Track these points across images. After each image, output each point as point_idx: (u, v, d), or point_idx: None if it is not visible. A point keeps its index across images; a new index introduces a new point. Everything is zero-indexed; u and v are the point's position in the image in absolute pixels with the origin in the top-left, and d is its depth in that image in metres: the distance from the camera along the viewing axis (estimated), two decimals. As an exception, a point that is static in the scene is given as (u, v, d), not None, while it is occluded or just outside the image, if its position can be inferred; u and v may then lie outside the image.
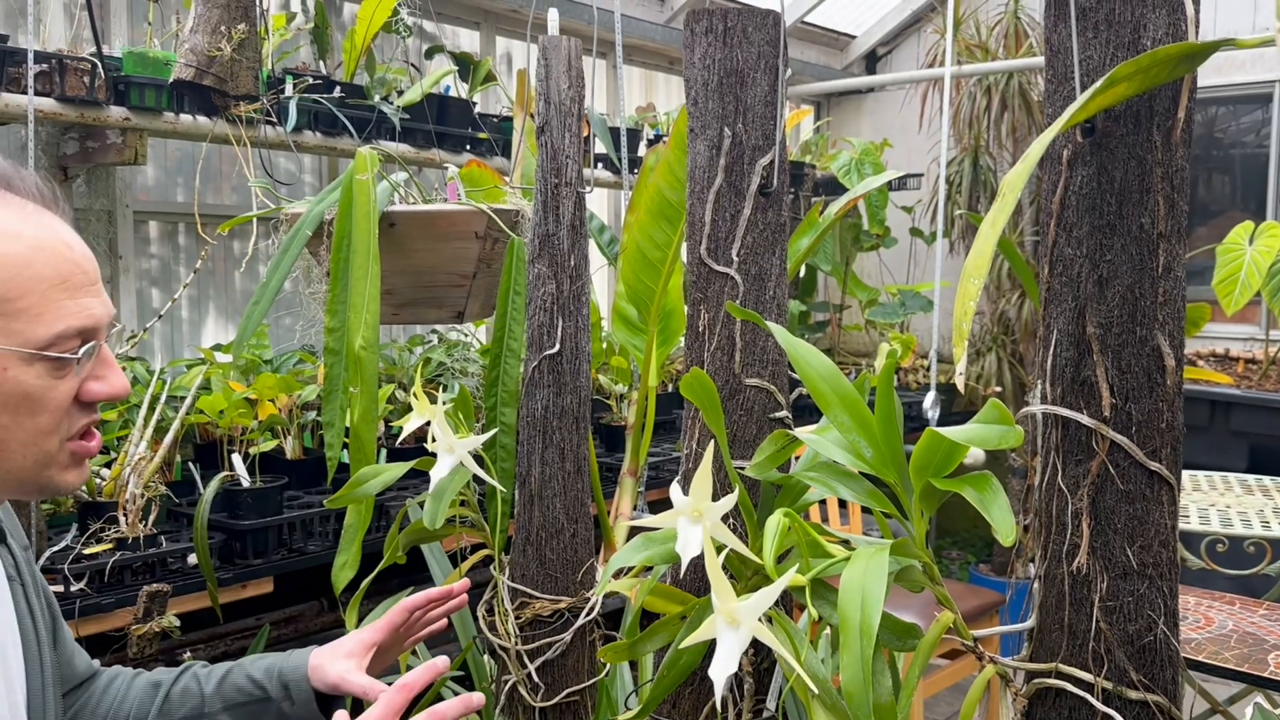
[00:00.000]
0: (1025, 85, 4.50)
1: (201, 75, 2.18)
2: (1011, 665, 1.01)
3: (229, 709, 1.17)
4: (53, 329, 0.89)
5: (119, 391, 0.96)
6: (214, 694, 1.17)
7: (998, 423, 0.88)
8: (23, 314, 0.88)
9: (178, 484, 2.26)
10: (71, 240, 0.93)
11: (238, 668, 1.19)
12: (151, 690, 1.20)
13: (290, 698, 1.17)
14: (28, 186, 0.93)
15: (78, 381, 0.92)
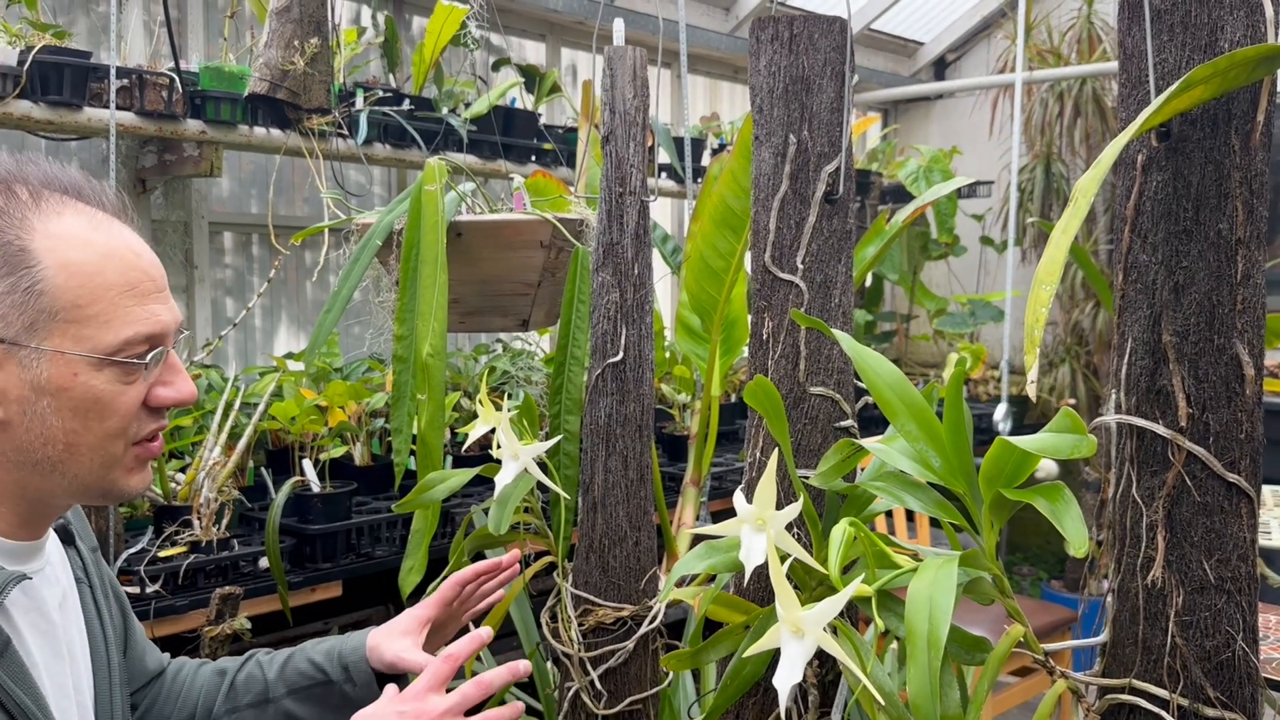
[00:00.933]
0: (1099, 91, 4.41)
1: (275, 89, 2.23)
2: (1084, 680, 0.98)
3: (293, 693, 1.18)
4: (121, 335, 0.91)
5: (186, 397, 0.98)
6: (277, 679, 1.19)
7: (1070, 432, 0.86)
8: (92, 320, 0.90)
9: (250, 489, 2.31)
10: (140, 248, 0.96)
11: (299, 652, 1.21)
12: (217, 678, 1.22)
13: (351, 679, 1.18)
14: (98, 196, 0.95)
15: (146, 387, 0.94)
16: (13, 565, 0.92)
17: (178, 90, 2.35)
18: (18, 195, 0.90)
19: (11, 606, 0.92)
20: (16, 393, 0.89)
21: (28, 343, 0.88)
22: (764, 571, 1.25)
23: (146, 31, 2.82)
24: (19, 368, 0.88)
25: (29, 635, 0.94)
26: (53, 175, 0.93)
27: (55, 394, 0.89)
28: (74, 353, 0.89)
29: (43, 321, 0.88)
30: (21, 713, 0.88)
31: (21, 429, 0.90)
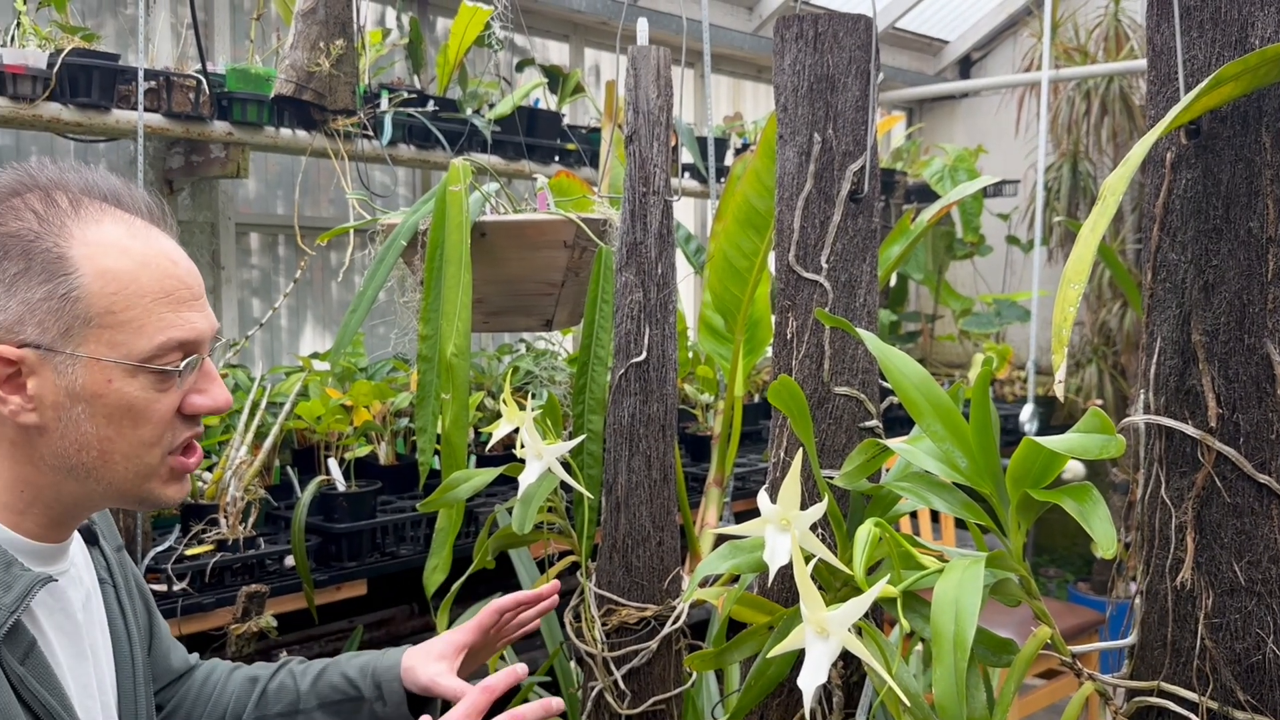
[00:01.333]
0: (1126, 89, 4.37)
1: (301, 90, 2.25)
2: (1112, 683, 0.98)
3: (323, 706, 1.19)
4: (154, 341, 0.92)
5: (221, 405, 0.98)
6: (309, 691, 1.20)
7: (1099, 432, 0.85)
8: (126, 326, 0.91)
9: (276, 488, 2.33)
10: (177, 256, 0.96)
11: (333, 665, 1.22)
12: (249, 685, 1.22)
13: (383, 698, 1.18)
14: (136, 203, 0.96)
15: (180, 394, 0.95)
16: (38, 567, 0.92)
17: (205, 92, 2.37)
18: (58, 203, 0.91)
19: (36, 608, 0.93)
20: (52, 398, 0.90)
21: (63, 349, 0.89)
22: (788, 572, 1.24)
23: (174, 34, 2.84)
24: (54, 374, 0.89)
25: (53, 636, 0.94)
26: (93, 182, 0.94)
27: (89, 400, 0.90)
28: (108, 359, 0.90)
29: (78, 328, 0.89)
30: (47, 712, 0.89)
31: (57, 434, 0.91)
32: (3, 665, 0.86)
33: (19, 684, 0.87)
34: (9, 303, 0.88)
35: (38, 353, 0.89)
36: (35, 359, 0.89)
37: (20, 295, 0.88)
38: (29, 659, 0.88)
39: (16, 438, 0.91)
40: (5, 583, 0.87)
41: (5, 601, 0.86)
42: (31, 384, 0.89)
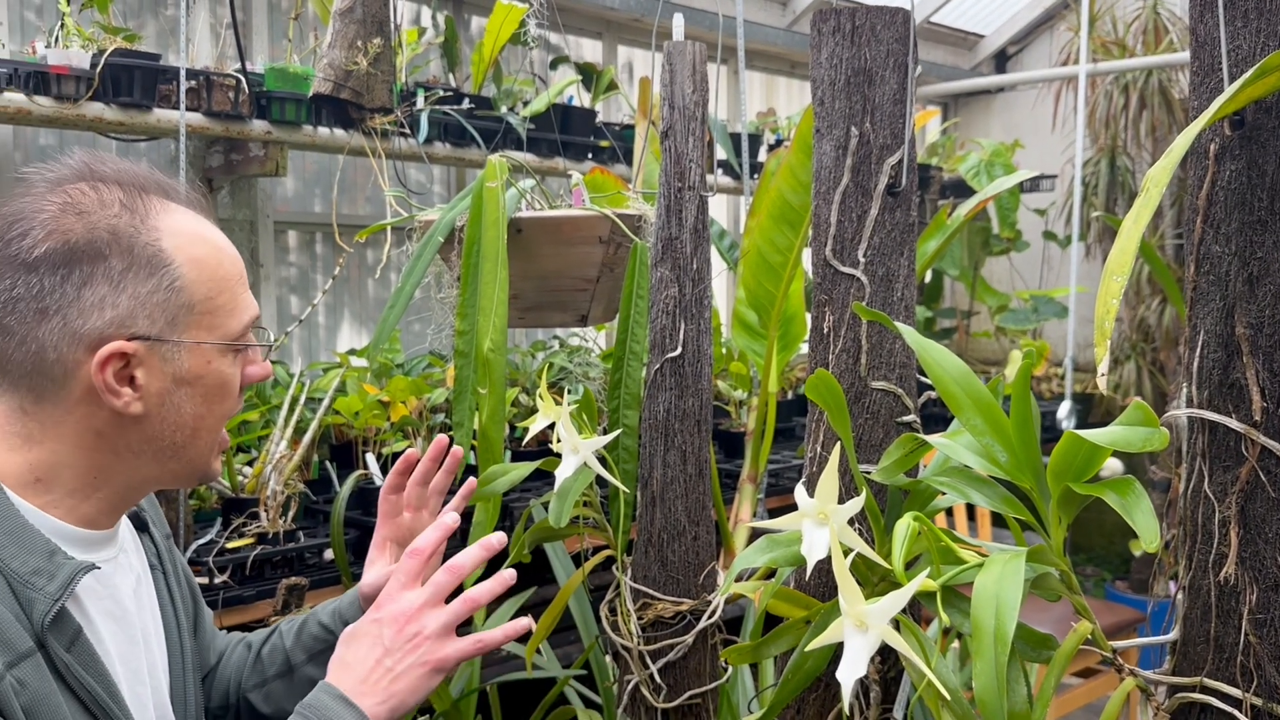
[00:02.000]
0: (1165, 83, 4.32)
1: (339, 89, 2.27)
2: (1154, 679, 0.97)
3: (311, 658, 1.20)
4: (242, 321, 0.99)
5: (269, 373, 1.05)
6: (294, 645, 1.21)
7: (1142, 425, 0.84)
8: (220, 310, 0.97)
9: (314, 482, 2.35)
10: (228, 240, 1.02)
11: (311, 616, 1.23)
12: (245, 651, 1.24)
13: None
14: (185, 194, 1.00)
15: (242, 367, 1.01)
16: (84, 554, 0.94)
17: (244, 91, 2.40)
18: (133, 195, 0.95)
19: (84, 594, 0.94)
20: (157, 386, 0.94)
21: (170, 337, 0.94)
22: (825, 567, 1.24)
23: (213, 34, 2.88)
24: (161, 362, 0.94)
25: (101, 622, 0.96)
26: (149, 176, 0.98)
27: (192, 382, 0.95)
28: (209, 342, 0.96)
29: (182, 316, 0.94)
30: (92, 699, 0.90)
31: (157, 420, 0.95)
32: (49, 653, 0.87)
33: (65, 671, 0.88)
34: (119, 298, 0.91)
35: (147, 344, 0.92)
36: (144, 350, 0.93)
37: (129, 290, 0.92)
38: (75, 647, 0.90)
39: (106, 428, 0.94)
40: (49, 572, 0.88)
41: (49, 590, 0.88)
42: (140, 374, 0.93)
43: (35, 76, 2.17)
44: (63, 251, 0.91)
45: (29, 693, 0.85)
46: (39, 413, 0.93)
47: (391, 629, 0.97)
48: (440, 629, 0.98)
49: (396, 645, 0.97)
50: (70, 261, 0.91)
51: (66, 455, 0.94)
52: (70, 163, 0.96)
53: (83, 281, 0.91)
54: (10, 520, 0.89)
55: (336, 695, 0.94)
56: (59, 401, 0.92)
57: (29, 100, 2.16)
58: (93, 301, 0.91)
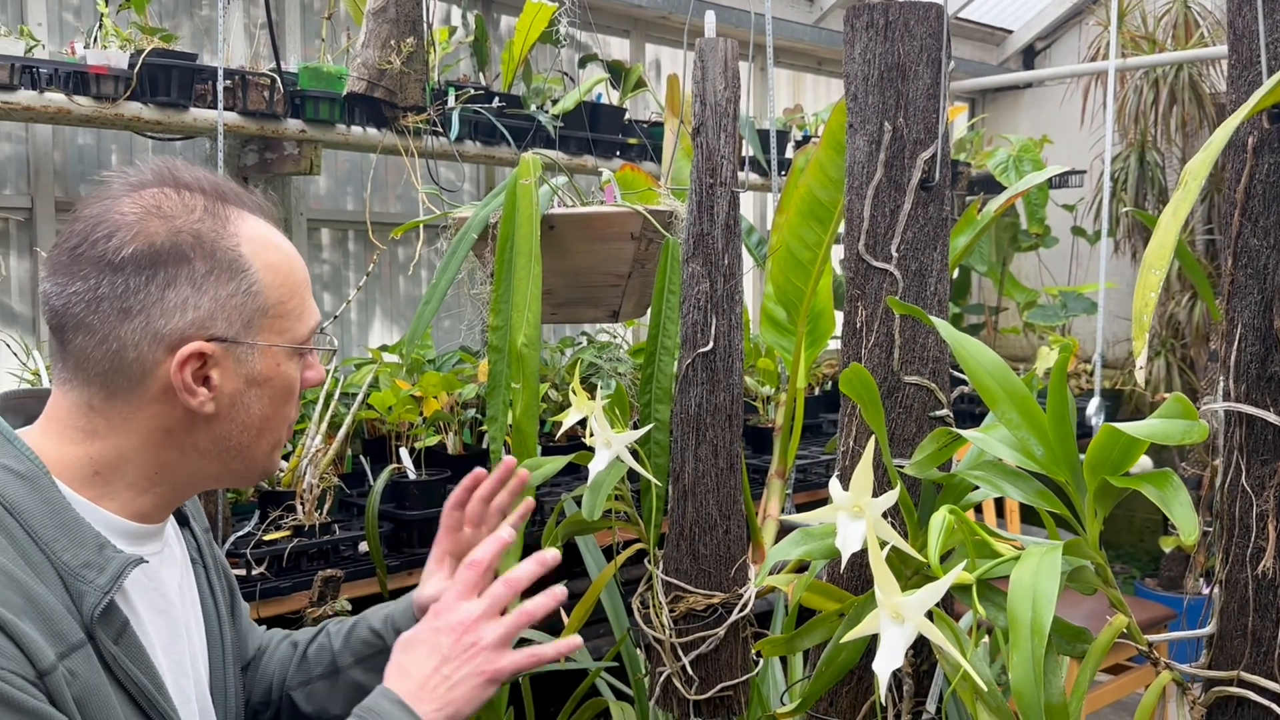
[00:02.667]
0: (1195, 77, 4.28)
1: (373, 88, 2.29)
2: (1190, 672, 0.97)
3: (359, 662, 1.21)
4: (308, 325, 1.02)
5: (323, 377, 1.07)
6: (343, 649, 1.22)
7: (1181, 417, 0.85)
8: (291, 314, 0.99)
9: (348, 476, 2.38)
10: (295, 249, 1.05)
11: (361, 620, 1.24)
12: (290, 649, 1.25)
13: None
14: (256, 201, 1.03)
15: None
16: (133, 548, 0.96)
17: (279, 90, 2.43)
18: (215, 202, 0.98)
19: (131, 589, 0.96)
20: (231, 387, 0.96)
21: (245, 339, 0.96)
22: (858, 560, 1.25)
23: (247, 34, 2.91)
24: (235, 363, 0.96)
25: (147, 616, 0.97)
26: (223, 184, 1.01)
27: (262, 384, 0.98)
28: (280, 344, 0.99)
29: (257, 319, 0.97)
30: (139, 691, 0.91)
31: (226, 420, 0.97)
32: (97, 645, 0.89)
33: (113, 663, 0.90)
34: (200, 300, 0.94)
35: (223, 345, 0.95)
36: (220, 351, 0.95)
37: (210, 293, 0.94)
38: (122, 639, 0.91)
39: (176, 426, 0.96)
40: (99, 565, 0.90)
41: (99, 583, 0.90)
42: (215, 375, 0.95)
43: (75, 76, 2.20)
44: (148, 253, 0.93)
45: (80, 683, 0.86)
46: (108, 409, 0.95)
47: (449, 638, 0.99)
48: (497, 640, 0.99)
49: (454, 654, 0.98)
50: (155, 263, 0.93)
51: (132, 451, 0.95)
52: (151, 168, 0.98)
53: (167, 283, 0.93)
54: (63, 514, 0.91)
55: (395, 700, 0.96)
56: (131, 399, 0.94)
57: (69, 100, 2.20)
58: (175, 303, 0.93)
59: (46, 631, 0.86)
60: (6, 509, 0.89)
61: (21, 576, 0.86)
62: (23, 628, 0.83)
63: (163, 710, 0.93)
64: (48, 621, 0.86)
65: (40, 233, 2.65)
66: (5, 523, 0.89)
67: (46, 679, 0.84)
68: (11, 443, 0.93)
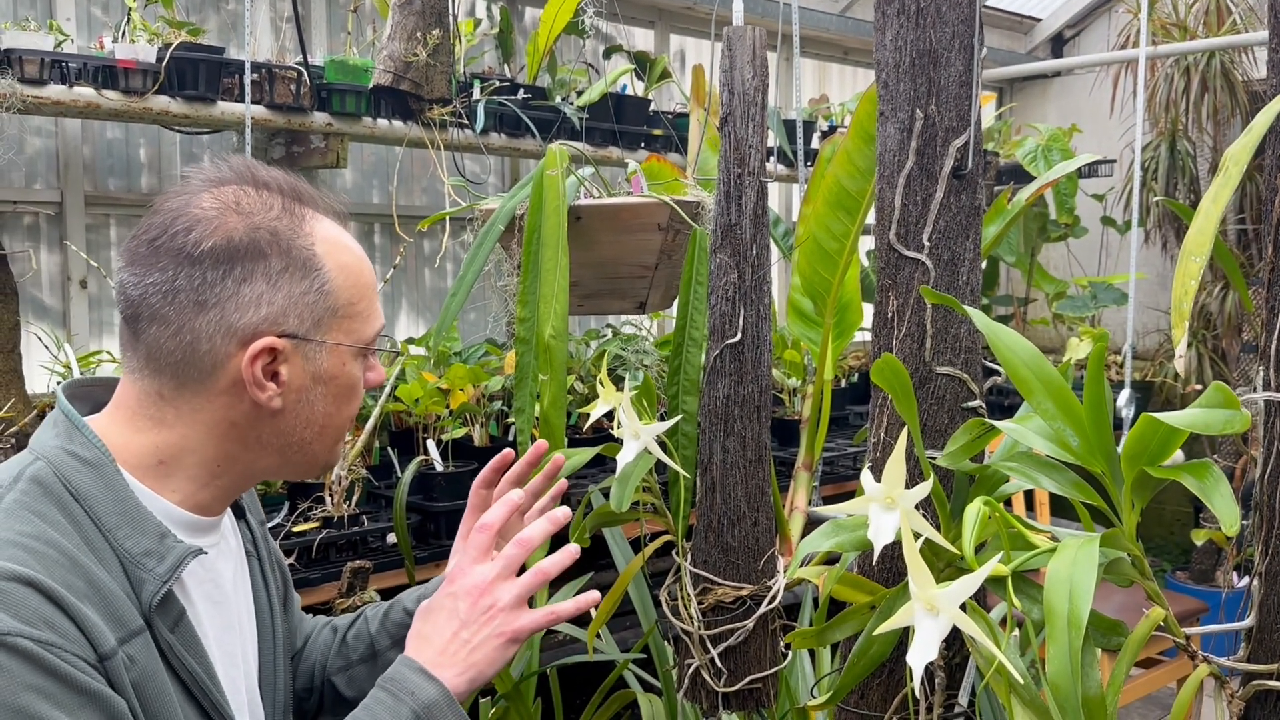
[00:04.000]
0: (1228, 65, 4.23)
1: (399, 80, 2.29)
2: (1229, 666, 0.96)
3: (396, 644, 1.20)
4: (374, 327, 1.02)
5: (384, 379, 1.08)
6: (379, 631, 1.22)
7: (1222, 407, 0.83)
8: (359, 315, 1.00)
9: (376, 468, 2.39)
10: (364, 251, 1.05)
11: (396, 603, 1.24)
12: (330, 635, 1.26)
13: None
14: (329, 204, 1.03)
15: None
16: (191, 539, 0.96)
17: (305, 84, 2.43)
18: (291, 202, 0.98)
19: (188, 579, 0.97)
20: (298, 383, 0.97)
21: (315, 337, 0.97)
22: (889, 552, 1.24)
23: (273, 27, 2.92)
24: (304, 360, 0.97)
25: (202, 606, 0.98)
26: (294, 183, 1.02)
27: (328, 382, 0.99)
28: (347, 344, 0.99)
29: (327, 318, 0.98)
30: (193, 680, 0.92)
31: (291, 415, 0.98)
32: (155, 633, 0.90)
33: (168, 651, 0.91)
34: (275, 296, 0.95)
35: (294, 342, 0.96)
36: (290, 348, 0.96)
37: (284, 290, 0.95)
38: (178, 628, 0.92)
39: (241, 420, 0.97)
40: (159, 554, 0.91)
41: (159, 571, 0.90)
42: (284, 370, 0.96)
43: (103, 71, 2.22)
44: (226, 248, 0.94)
45: (138, 669, 0.87)
46: (177, 399, 0.96)
47: (466, 602, 0.99)
48: (514, 600, 1.00)
49: (472, 618, 0.99)
50: (233, 258, 0.94)
51: (197, 442, 0.96)
52: (231, 165, 0.99)
53: (243, 278, 0.94)
54: (127, 502, 0.92)
55: (416, 668, 0.96)
56: (200, 391, 0.95)
57: (98, 94, 2.21)
58: (250, 298, 0.94)
59: (108, 616, 0.87)
60: (72, 495, 0.90)
61: (85, 561, 0.87)
62: (85, 611, 0.84)
63: (215, 699, 0.94)
64: (109, 606, 0.87)
65: (70, 226, 2.67)
66: (71, 508, 0.90)
67: (107, 663, 0.85)
68: (80, 430, 0.94)
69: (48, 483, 0.90)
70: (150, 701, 0.88)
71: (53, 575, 0.84)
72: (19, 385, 2.27)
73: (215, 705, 0.94)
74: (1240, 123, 4.29)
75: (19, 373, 2.28)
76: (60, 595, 0.83)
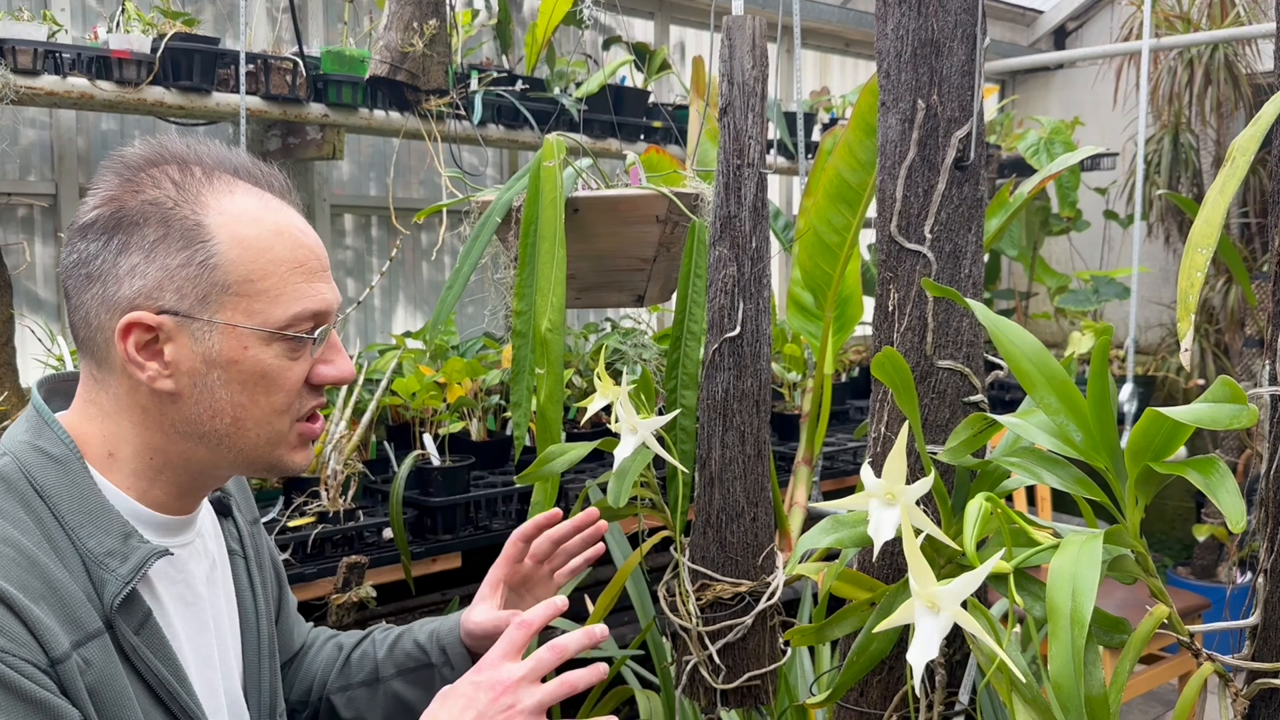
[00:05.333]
0: (1231, 57, 4.20)
1: (395, 71, 2.27)
2: (1234, 664, 0.94)
3: (400, 674, 1.19)
4: (290, 310, 0.93)
5: (346, 375, 1.00)
6: (386, 659, 1.20)
7: (1229, 401, 0.82)
8: (263, 295, 0.92)
9: (372, 462, 2.38)
10: (305, 228, 0.98)
11: (407, 633, 1.22)
12: (335, 652, 1.24)
13: (449, 662, 1.18)
14: (267, 178, 0.98)
15: (309, 364, 0.96)
16: (161, 539, 0.94)
17: (301, 74, 2.42)
18: (192, 173, 0.94)
19: (157, 579, 0.94)
20: (188, 365, 0.92)
21: (201, 315, 0.91)
22: (889, 549, 1.23)
23: (269, 18, 2.90)
24: (191, 340, 0.91)
25: (173, 607, 0.96)
26: (224, 157, 0.97)
27: (225, 367, 0.92)
28: (245, 326, 0.92)
29: (215, 295, 0.91)
30: (159, 682, 0.90)
31: (191, 401, 0.92)
32: (117, 635, 0.88)
33: (132, 653, 0.89)
34: (149, 269, 0.90)
35: (175, 319, 0.90)
36: (173, 325, 0.91)
37: (159, 262, 0.90)
38: (144, 630, 0.90)
39: (149, 404, 0.93)
40: (122, 554, 0.89)
41: (121, 572, 0.88)
42: (168, 350, 0.91)
43: (97, 61, 2.20)
44: (109, 218, 0.91)
45: (94, 673, 0.85)
46: (102, 380, 0.94)
47: (487, 695, 0.95)
48: (534, 707, 0.95)
49: (490, 712, 0.94)
50: (113, 228, 0.91)
51: (125, 430, 0.94)
52: (145, 143, 0.96)
53: (120, 249, 0.91)
54: (91, 500, 0.90)
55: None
56: (109, 371, 0.93)
57: (92, 85, 2.19)
58: (126, 269, 0.90)
59: (63, 618, 0.85)
60: (37, 492, 0.89)
61: (44, 560, 0.85)
62: (37, 613, 0.82)
63: (183, 702, 0.92)
64: (66, 608, 0.85)
65: (64, 219, 2.66)
66: (34, 505, 0.88)
67: (59, 667, 0.83)
68: (49, 425, 0.92)
69: (12, 479, 0.89)
70: (108, 706, 0.86)
71: (6, 575, 0.82)
72: (13, 379, 2.25)
73: (184, 709, 0.92)
74: (1244, 115, 4.27)
75: (13, 366, 2.27)
76: (11, 596, 0.81)
